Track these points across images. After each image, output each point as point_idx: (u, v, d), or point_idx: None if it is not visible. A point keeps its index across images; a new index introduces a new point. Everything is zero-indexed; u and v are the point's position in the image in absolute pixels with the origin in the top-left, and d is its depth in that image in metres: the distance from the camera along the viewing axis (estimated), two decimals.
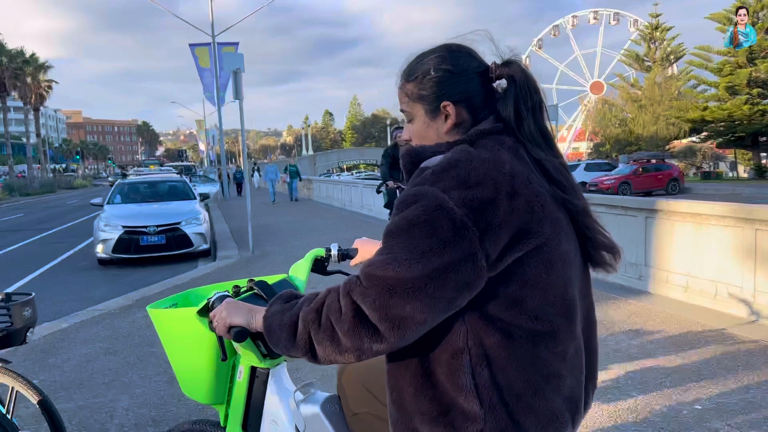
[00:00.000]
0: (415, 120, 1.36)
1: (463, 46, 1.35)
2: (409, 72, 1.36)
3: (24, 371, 4.39)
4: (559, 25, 66.80)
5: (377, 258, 1.17)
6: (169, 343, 1.76)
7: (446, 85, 1.30)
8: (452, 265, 1.11)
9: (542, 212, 1.19)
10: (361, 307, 1.15)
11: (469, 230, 1.11)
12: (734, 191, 26.04)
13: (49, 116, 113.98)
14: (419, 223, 1.12)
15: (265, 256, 10.08)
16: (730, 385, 3.76)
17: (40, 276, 9.85)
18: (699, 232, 5.79)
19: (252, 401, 1.71)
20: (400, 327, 1.13)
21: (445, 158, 1.20)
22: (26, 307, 2.57)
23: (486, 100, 1.32)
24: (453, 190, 1.13)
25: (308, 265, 1.96)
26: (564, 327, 1.25)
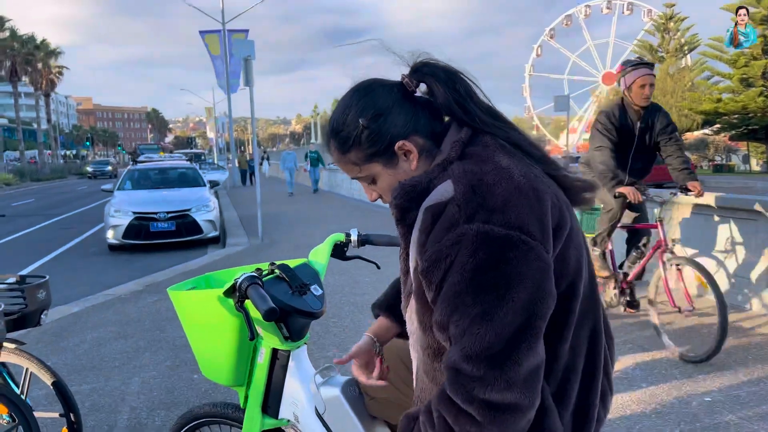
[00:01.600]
0: (378, 178, 1.26)
1: (369, 80, 1.27)
2: (341, 143, 1.25)
3: (37, 354, 4.44)
4: (571, 14, 66.19)
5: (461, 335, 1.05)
6: (191, 325, 1.77)
7: (386, 129, 1.21)
8: (538, 287, 1.05)
9: (559, 201, 1.17)
10: (491, 400, 1.03)
11: (530, 245, 1.05)
12: (746, 184, 25.82)
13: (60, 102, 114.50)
14: (485, 269, 1.03)
15: (274, 244, 10.11)
16: (740, 378, 3.74)
17: (51, 261, 9.93)
18: (709, 223, 5.74)
19: (272, 383, 1.73)
20: (536, 380, 1.06)
21: (459, 187, 1.10)
22: (40, 289, 2.60)
23: (426, 113, 1.24)
24: (492, 217, 1.05)
25: (328, 249, 1.97)
26: (598, 297, 1.26)
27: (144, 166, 13.84)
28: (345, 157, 1.27)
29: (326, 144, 1.30)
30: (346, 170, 1.30)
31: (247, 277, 1.55)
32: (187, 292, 1.77)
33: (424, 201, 1.13)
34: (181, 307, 1.77)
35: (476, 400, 1.03)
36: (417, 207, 1.14)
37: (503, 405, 1.03)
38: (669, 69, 45.03)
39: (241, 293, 1.53)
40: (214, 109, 52.46)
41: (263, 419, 1.74)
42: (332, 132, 1.27)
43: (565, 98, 19.21)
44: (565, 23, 66.60)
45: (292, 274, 1.70)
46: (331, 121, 1.28)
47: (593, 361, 1.23)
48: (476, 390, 1.03)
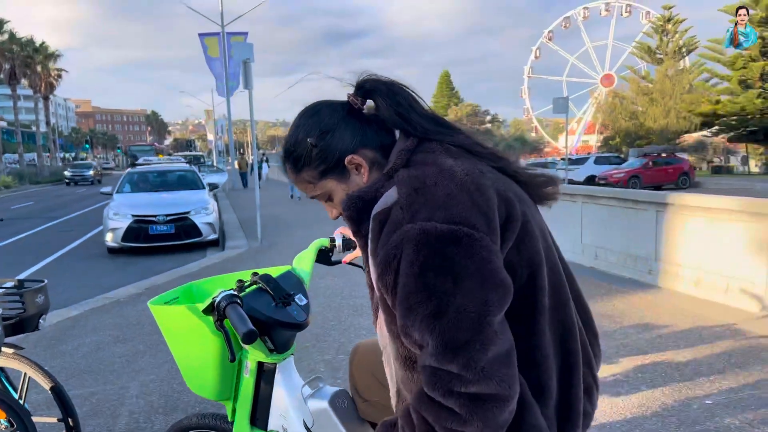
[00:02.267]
0: (333, 194, 1.31)
1: (315, 103, 1.33)
2: (293, 163, 1.31)
3: (35, 358, 4.43)
4: (570, 16, 66.28)
5: (421, 337, 1.06)
6: (173, 339, 1.71)
7: (334, 145, 1.26)
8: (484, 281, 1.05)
9: (507, 194, 1.18)
10: (470, 392, 1.04)
11: (475, 238, 1.06)
12: (745, 186, 25.84)
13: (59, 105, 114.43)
14: (436, 266, 1.04)
15: (273, 246, 10.10)
16: (741, 381, 3.73)
17: (50, 264, 9.92)
18: (710, 226, 5.75)
19: (260, 396, 1.68)
20: (508, 366, 1.06)
21: (402, 190, 1.12)
22: (39, 293, 2.59)
23: (374, 127, 1.28)
24: (435, 214, 1.07)
25: (312, 255, 1.94)
26: (566, 291, 1.26)
27: (143, 168, 13.83)
28: (299, 176, 1.32)
29: (283, 166, 1.35)
30: (303, 189, 1.34)
31: (226, 295, 1.48)
32: (167, 307, 1.71)
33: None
34: (163, 321, 1.71)
35: (455, 394, 1.04)
36: (368, 218, 1.16)
37: (483, 396, 1.03)
38: (668, 71, 45.03)
39: (219, 313, 1.47)
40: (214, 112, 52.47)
41: (252, 431, 1.71)
42: (285, 153, 1.33)
43: (564, 100, 19.19)
44: (564, 25, 66.69)
45: (275, 285, 1.65)
46: (284, 143, 1.33)
47: (569, 355, 1.23)
48: (454, 384, 1.04)
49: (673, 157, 29.73)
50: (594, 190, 8.12)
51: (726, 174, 38.43)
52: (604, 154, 37.07)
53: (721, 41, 40.23)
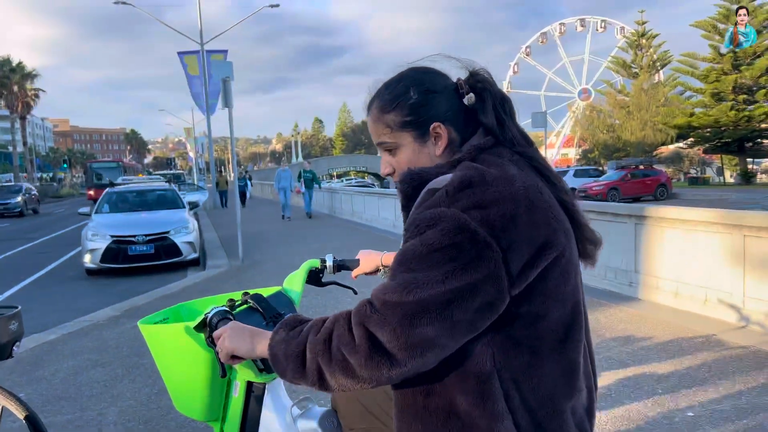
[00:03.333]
0: (401, 149, 1.31)
1: (429, 66, 1.34)
2: (386, 102, 1.30)
3: (10, 384, 4.33)
4: (546, 32, 67.38)
5: (393, 283, 1.12)
6: (162, 359, 1.72)
7: (431, 107, 1.28)
8: (475, 286, 1.08)
9: (556, 223, 1.18)
10: (377, 336, 1.11)
11: (493, 250, 1.08)
12: (722, 196, 26.29)
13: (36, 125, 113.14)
14: (441, 248, 1.09)
15: (255, 265, 10.02)
16: (722, 392, 3.76)
17: (27, 287, 9.73)
18: (688, 238, 5.82)
19: (248, 417, 1.67)
20: (421, 353, 1.10)
21: (456, 177, 1.15)
22: (12, 320, 2.52)
23: (465, 116, 1.30)
24: (472, 210, 1.10)
25: (303, 276, 1.93)
26: (579, 336, 1.25)
27: (122, 188, 13.68)
28: (383, 117, 1.31)
29: (367, 105, 1.35)
30: (376, 131, 1.33)
31: (218, 311, 1.50)
32: (157, 326, 1.72)
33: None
34: (152, 341, 1.71)
35: (364, 328, 1.11)
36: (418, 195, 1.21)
37: (382, 346, 1.10)
38: (643, 84, 45.89)
39: (211, 329, 1.48)
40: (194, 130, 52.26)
41: None
42: (379, 92, 1.33)
43: (542, 115, 19.45)
44: (541, 41, 67.77)
45: (266, 305, 1.66)
46: (382, 84, 1.34)
47: (571, 389, 1.24)
48: (370, 321, 1.11)
49: (651, 169, 30.20)
50: None
51: (702, 185, 39.08)
52: (583, 167, 37.52)
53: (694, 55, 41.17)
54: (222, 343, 1.39)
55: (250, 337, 1.36)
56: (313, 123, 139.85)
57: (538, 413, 1.17)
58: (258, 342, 1.34)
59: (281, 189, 18.88)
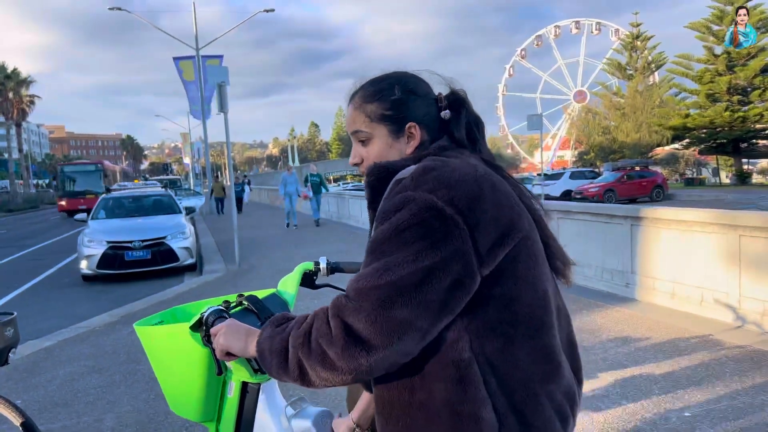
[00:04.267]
0: (374, 140, 1.36)
1: (415, 74, 1.41)
2: (370, 93, 1.36)
3: (6, 391, 4.32)
4: (542, 35, 67.58)
5: (365, 271, 1.15)
6: (158, 360, 1.73)
7: (411, 107, 1.34)
8: (445, 263, 1.11)
9: (519, 207, 1.23)
10: (352, 325, 1.12)
11: (460, 228, 1.12)
12: (717, 197, 26.37)
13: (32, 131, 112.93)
14: (409, 227, 1.12)
15: (252, 269, 10.01)
16: (718, 391, 3.77)
17: (23, 293, 9.70)
18: (684, 238, 5.84)
19: (243, 417, 1.69)
20: (398, 338, 1.11)
21: (420, 166, 1.20)
22: (8, 327, 2.52)
23: (440, 125, 1.37)
24: (438, 191, 1.14)
25: (297, 278, 1.94)
26: (551, 321, 1.27)
27: (118, 194, 13.66)
28: (364, 106, 1.36)
29: (350, 94, 1.40)
30: (354, 119, 1.38)
31: (214, 311, 1.53)
32: (154, 327, 1.74)
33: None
34: (149, 343, 1.73)
35: (340, 319, 1.14)
36: (384, 191, 1.24)
37: (357, 335, 1.11)
38: (638, 86, 46.04)
39: (207, 327, 1.51)
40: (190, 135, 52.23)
41: None
42: (365, 83, 1.39)
43: (537, 117, 19.48)
44: (536, 43, 67.94)
45: (261, 306, 1.68)
46: (368, 78, 1.40)
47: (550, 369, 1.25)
48: (345, 311, 1.13)
49: (647, 171, 30.29)
50: (569, 206, 8.22)
51: (698, 186, 39.20)
52: (579, 169, 37.61)
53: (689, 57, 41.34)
54: (217, 339, 1.41)
55: (245, 336, 1.38)
56: (310, 127, 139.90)
57: (514, 396, 1.19)
58: (251, 342, 1.35)
59: (287, 195, 17.27)
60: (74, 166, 36.85)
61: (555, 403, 1.24)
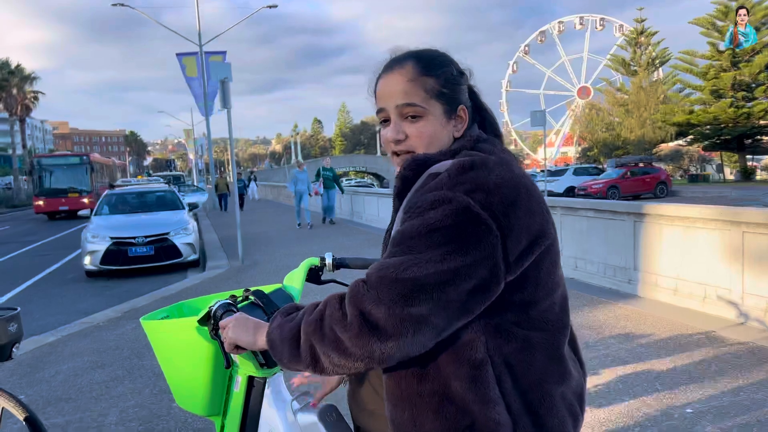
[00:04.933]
0: (428, 118, 1.27)
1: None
2: (428, 64, 1.27)
3: (11, 387, 4.34)
4: (545, 30, 67.38)
5: (390, 261, 1.13)
6: (164, 354, 1.75)
7: (462, 89, 1.32)
8: (472, 268, 1.10)
9: (548, 212, 1.23)
10: (370, 312, 1.12)
11: (493, 234, 1.11)
12: (721, 194, 26.28)
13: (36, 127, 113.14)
14: (442, 228, 1.10)
15: (255, 265, 10.03)
16: (720, 388, 3.77)
17: (27, 289, 9.74)
18: (687, 235, 5.83)
19: (249, 411, 1.70)
20: (413, 331, 1.11)
21: (458, 162, 1.17)
22: (11, 322, 2.53)
23: (472, 109, 1.36)
24: (475, 193, 1.12)
25: (303, 274, 1.95)
26: (567, 323, 1.29)
27: (121, 190, 13.69)
28: (421, 78, 1.26)
29: (398, 61, 1.29)
30: (407, 90, 1.25)
31: (222, 304, 1.54)
32: (160, 322, 1.75)
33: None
34: (155, 337, 1.74)
35: (357, 306, 1.12)
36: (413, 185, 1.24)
37: (374, 323, 1.10)
38: (642, 82, 45.87)
39: (215, 321, 1.52)
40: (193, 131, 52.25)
41: None
42: (420, 54, 1.29)
43: (541, 113, 19.43)
44: (540, 39, 67.75)
45: (267, 300, 1.69)
46: (422, 48, 1.32)
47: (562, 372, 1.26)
48: (364, 299, 1.12)
49: (650, 167, 30.19)
50: (572, 202, 8.21)
51: (702, 182, 39.07)
52: (582, 166, 37.49)
53: (693, 53, 41.18)
54: (226, 333, 1.42)
55: (254, 329, 1.38)
56: (312, 123, 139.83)
57: (529, 397, 1.19)
58: (260, 335, 1.36)
59: (297, 193, 15.64)
60: (54, 158, 30.99)
61: (567, 403, 1.25)
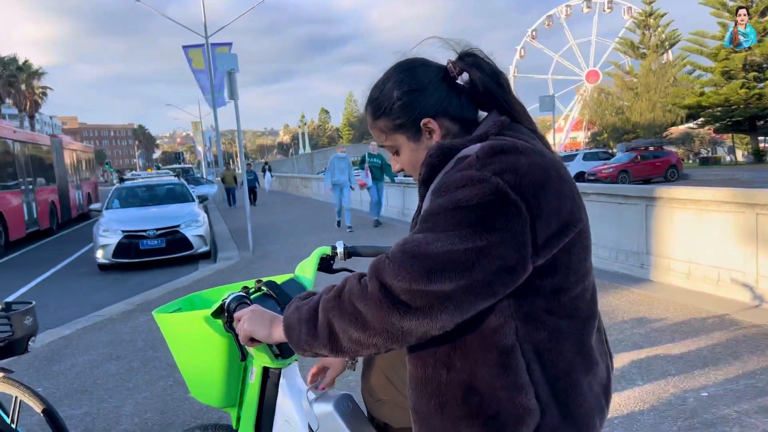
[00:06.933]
0: (401, 150, 1.34)
1: (413, 58, 1.34)
2: (374, 108, 1.33)
3: (28, 380, 4.39)
4: (552, 14, 66.66)
5: (416, 237, 1.12)
6: (178, 347, 1.75)
7: (416, 105, 1.28)
8: (498, 247, 1.08)
9: (579, 198, 1.21)
10: (392, 285, 1.10)
11: (522, 215, 1.09)
12: (733, 176, 26.04)
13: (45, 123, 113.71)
14: (471, 207, 1.09)
15: (266, 256, 10.06)
16: (735, 371, 3.74)
17: (41, 283, 9.83)
18: (700, 218, 5.78)
19: (264, 402, 1.70)
20: (435, 307, 1.09)
21: (487, 144, 1.16)
22: (27, 315, 2.55)
23: (463, 99, 1.30)
24: (505, 173, 1.10)
25: (315, 263, 1.94)
26: (596, 311, 1.28)
27: (131, 183, 13.76)
28: (375, 123, 1.34)
29: (364, 109, 1.37)
30: (375, 136, 1.37)
31: (236, 297, 1.53)
32: (173, 315, 1.75)
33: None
34: (168, 330, 1.75)
35: (378, 278, 1.12)
36: (439, 172, 1.22)
37: (395, 296, 1.09)
38: (651, 65, 45.39)
39: (229, 314, 1.51)
40: (201, 123, 52.34)
41: None
42: (369, 98, 1.35)
43: (549, 98, 19.32)
44: (547, 24, 67.06)
45: (280, 291, 1.69)
46: (371, 89, 1.36)
47: (588, 358, 1.25)
48: (386, 272, 1.11)
49: (661, 150, 29.93)
50: (583, 187, 8.15)
51: (713, 165, 38.73)
52: (592, 150, 37.21)
53: (703, 33, 40.67)
54: (241, 325, 1.41)
55: (270, 321, 1.37)
56: (320, 113, 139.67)
57: (557, 386, 1.18)
58: (275, 327, 1.34)
59: (337, 185, 12.47)
60: None
61: (594, 394, 1.24)
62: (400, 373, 1.57)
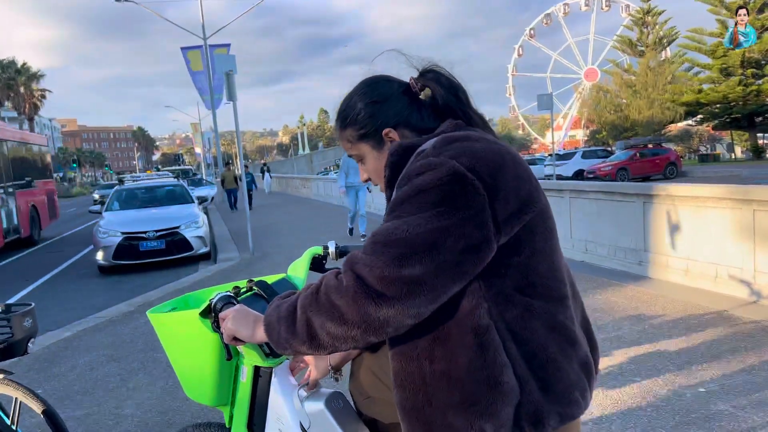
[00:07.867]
0: (365, 158, 1.43)
1: (378, 75, 1.44)
2: (341, 119, 1.43)
3: (28, 381, 4.40)
4: (550, 13, 66.75)
5: (383, 227, 1.18)
6: (171, 346, 1.77)
7: (378, 115, 1.38)
8: (460, 226, 1.13)
9: (536, 182, 1.28)
10: (365, 277, 1.14)
11: (479, 194, 1.15)
12: (732, 173, 26.05)
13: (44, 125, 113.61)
14: (430, 189, 1.15)
15: (266, 256, 10.08)
16: (733, 367, 3.76)
17: (41, 285, 9.84)
18: (697, 214, 5.79)
19: (256, 401, 1.72)
20: (409, 293, 1.13)
21: (441, 137, 1.25)
22: (26, 317, 2.56)
23: (424, 112, 1.40)
24: (461, 157, 1.17)
25: (306, 263, 1.96)
26: (566, 292, 1.31)
27: (131, 185, 13.77)
28: (342, 133, 1.44)
29: (335, 121, 1.47)
30: (343, 146, 1.46)
31: (222, 297, 1.55)
32: (166, 314, 1.77)
33: None
34: (162, 330, 1.77)
35: (352, 271, 1.16)
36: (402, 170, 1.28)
37: (369, 287, 1.13)
38: (649, 62, 45.38)
39: (216, 313, 1.53)
40: (200, 125, 52.33)
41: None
42: (338, 110, 1.46)
43: (548, 97, 19.29)
44: (545, 22, 67.14)
45: (271, 291, 1.70)
46: (340, 103, 1.46)
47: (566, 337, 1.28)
48: (359, 264, 1.16)
49: (660, 148, 29.95)
50: (581, 185, 8.17)
51: (712, 162, 38.75)
52: (591, 148, 37.24)
53: (700, 31, 40.66)
54: (225, 324, 1.45)
55: (253, 321, 1.41)
56: (319, 114, 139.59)
57: (534, 362, 1.22)
58: (258, 327, 1.37)
59: (351, 188, 10.92)
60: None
61: (574, 371, 1.27)
62: (388, 371, 1.59)
